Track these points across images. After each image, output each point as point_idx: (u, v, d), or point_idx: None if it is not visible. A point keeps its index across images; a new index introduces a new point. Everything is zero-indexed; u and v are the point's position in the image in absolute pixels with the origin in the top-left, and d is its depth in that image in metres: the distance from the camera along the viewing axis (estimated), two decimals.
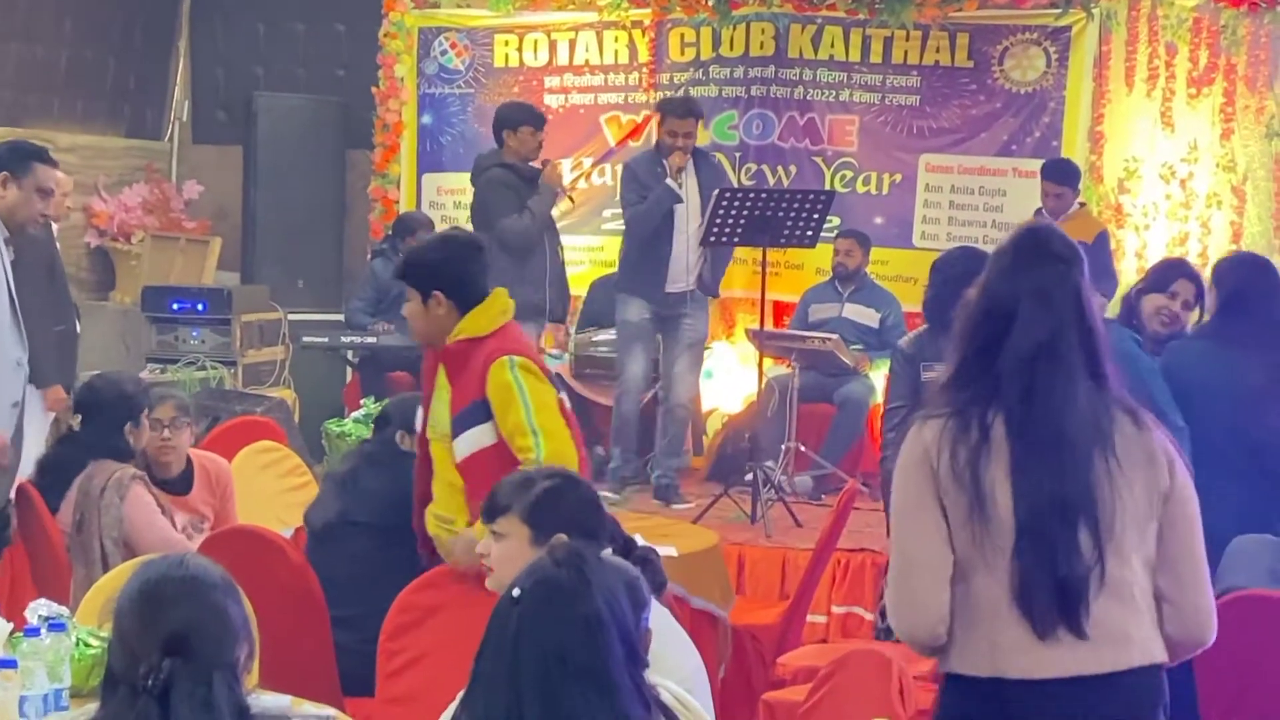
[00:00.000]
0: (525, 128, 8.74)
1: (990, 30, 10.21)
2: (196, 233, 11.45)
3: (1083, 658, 3.08)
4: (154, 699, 2.66)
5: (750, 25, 10.58)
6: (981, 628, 3.12)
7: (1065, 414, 3.11)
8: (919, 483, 3.15)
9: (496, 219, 8.55)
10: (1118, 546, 3.11)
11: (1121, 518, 3.11)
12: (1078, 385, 3.14)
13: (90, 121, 11.31)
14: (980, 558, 3.10)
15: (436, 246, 5.19)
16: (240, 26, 12.08)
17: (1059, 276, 3.20)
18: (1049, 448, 3.10)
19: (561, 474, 3.86)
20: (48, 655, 3.76)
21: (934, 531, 3.11)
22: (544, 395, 4.77)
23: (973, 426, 3.13)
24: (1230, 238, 9.80)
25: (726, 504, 8.35)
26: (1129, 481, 3.13)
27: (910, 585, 3.14)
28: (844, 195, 10.21)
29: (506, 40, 11.07)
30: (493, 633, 2.65)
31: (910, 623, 3.15)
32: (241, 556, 4.94)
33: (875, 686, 3.67)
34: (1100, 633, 3.09)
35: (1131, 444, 3.16)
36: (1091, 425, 3.13)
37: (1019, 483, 3.10)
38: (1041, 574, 3.07)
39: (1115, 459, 3.12)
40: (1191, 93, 9.90)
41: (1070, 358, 3.14)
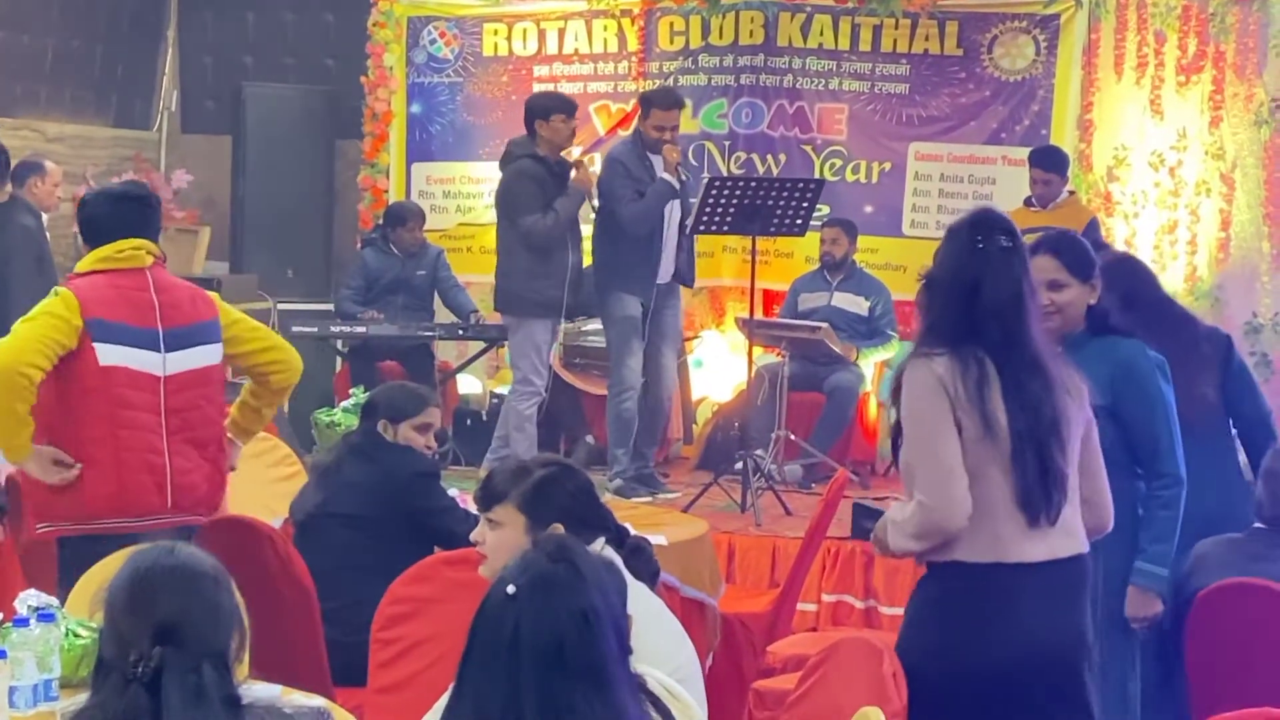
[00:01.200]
0: (557, 116, 8.51)
1: (979, 18, 10.22)
2: (185, 222, 11.43)
3: (1055, 546, 3.86)
4: (144, 687, 2.66)
5: (739, 14, 10.58)
6: (986, 523, 3.81)
7: (1033, 352, 3.86)
8: (939, 405, 3.80)
9: (520, 215, 8.44)
10: (1070, 457, 3.89)
11: (1074, 435, 3.91)
12: (1038, 335, 3.90)
13: (78, 111, 11.29)
14: (986, 467, 3.80)
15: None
16: (229, 16, 12.06)
17: (1011, 248, 3.91)
18: (1030, 377, 3.84)
19: (558, 462, 3.87)
20: (37, 646, 3.76)
21: (957, 444, 3.79)
22: (33, 328, 4.91)
23: (970, 362, 3.82)
24: (1219, 225, 9.81)
25: (716, 492, 8.36)
26: (1072, 405, 3.91)
27: (949, 484, 3.78)
28: (833, 184, 10.20)
29: (495, 29, 11.06)
30: (485, 629, 2.64)
31: (945, 516, 3.80)
32: (231, 546, 4.94)
33: (866, 674, 3.67)
34: (1063, 526, 3.88)
35: (1070, 379, 3.94)
36: (1052, 363, 3.90)
37: (1011, 405, 3.81)
38: (1035, 475, 3.81)
39: (1062, 386, 3.89)
40: (1180, 80, 9.91)
41: (1030, 316, 3.89)
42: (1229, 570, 4.87)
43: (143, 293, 5.05)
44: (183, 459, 5.05)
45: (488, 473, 3.95)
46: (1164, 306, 5.59)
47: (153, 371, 5.01)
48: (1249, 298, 9.71)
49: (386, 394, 5.80)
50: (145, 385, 5.00)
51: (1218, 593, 4.79)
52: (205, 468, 5.14)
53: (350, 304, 10.02)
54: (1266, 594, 4.71)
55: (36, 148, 10.47)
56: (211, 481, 5.18)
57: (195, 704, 2.67)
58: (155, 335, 5.03)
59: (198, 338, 5.11)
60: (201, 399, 5.12)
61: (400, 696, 4.57)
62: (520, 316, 8.59)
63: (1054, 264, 4.57)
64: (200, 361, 5.10)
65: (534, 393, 8.60)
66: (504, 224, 8.64)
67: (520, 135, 8.69)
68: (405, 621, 4.70)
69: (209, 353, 5.14)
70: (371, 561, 5.16)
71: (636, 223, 8.44)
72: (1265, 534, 5.01)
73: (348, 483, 5.44)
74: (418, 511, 5.39)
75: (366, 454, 5.52)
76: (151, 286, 5.07)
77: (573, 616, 2.62)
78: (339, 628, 5.07)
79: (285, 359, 5.32)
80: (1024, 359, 3.84)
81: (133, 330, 4.99)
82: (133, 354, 4.98)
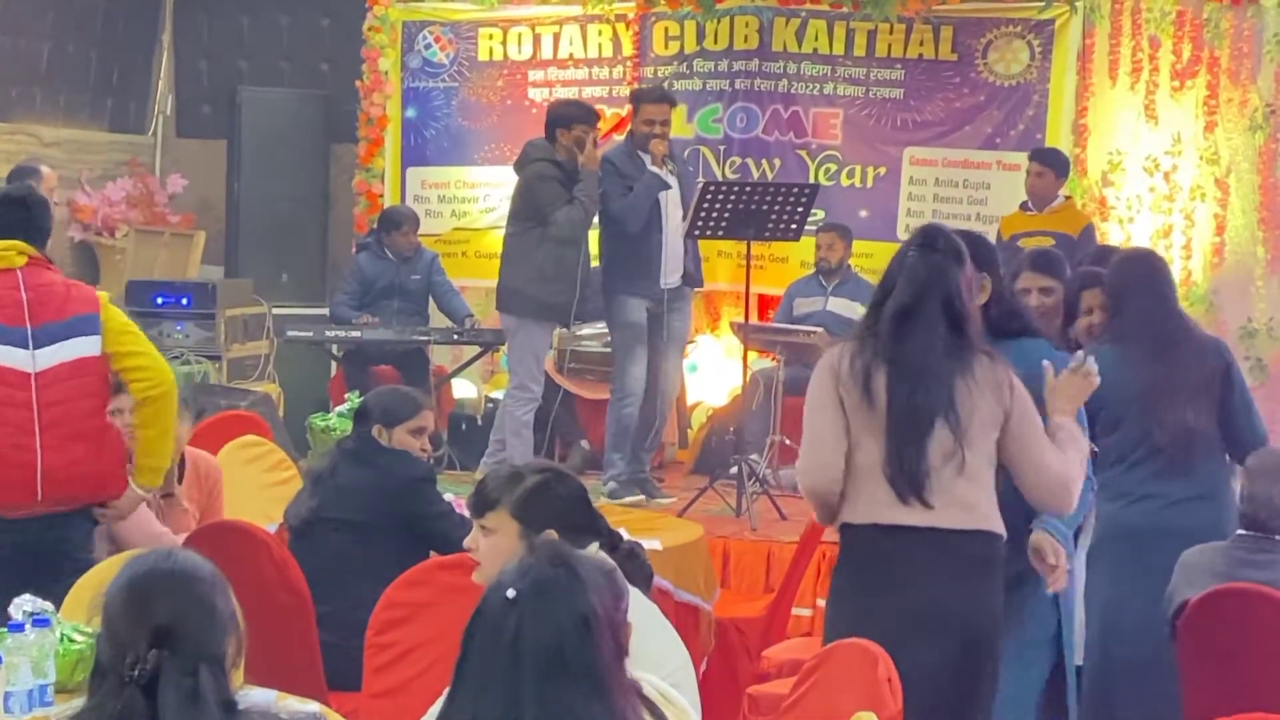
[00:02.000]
0: (579, 126, 8.50)
1: (974, 23, 10.23)
2: (180, 227, 11.43)
3: (934, 515, 4.17)
4: (140, 689, 2.67)
5: (734, 18, 10.59)
6: (865, 487, 4.22)
7: (923, 351, 4.19)
8: (825, 383, 4.28)
9: (550, 211, 8.39)
10: (971, 442, 4.18)
11: (976, 421, 4.19)
12: (935, 340, 4.20)
13: (73, 115, 11.28)
14: (864, 435, 4.21)
15: None
16: (224, 20, 12.06)
17: (931, 263, 4.25)
18: (911, 372, 4.19)
19: (551, 468, 3.86)
20: (32, 651, 3.75)
21: (833, 415, 4.24)
22: None
23: (867, 348, 4.25)
24: (1214, 230, 9.82)
25: (711, 497, 8.36)
26: (981, 397, 4.21)
27: (816, 450, 4.27)
28: (828, 188, 10.22)
29: (490, 34, 11.06)
30: (484, 633, 2.64)
31: (814, 478, 4.29)
32: (226, 551, 4.93)
33: (861, 679, 3.67)
34: (950, 500, 4.17)
35: (985, 374, 4.23)
36: (951, 358, 4.20)
37: (891, 391, 4.20)
38: (898, 460, 4.17)
39: (971, 379, 4.20)
40: (1175, 86, 9.92)
41: (929, 319, 4.20)
42: (1216, 578, 4.87)
43: (11, 291, 5.11)
44: (58, 453, 5.08)
45: (481, 479, 3.95)
46: (1153, 318, 5.57)
47: (22, 368, 5.07)
48: (1243, 302, 9.71)
49: (379, 399, 5.78)
50: (14, 382, 5.05)
51: (1209, 599, 4.79)
52: (87, 459, 5.15)
53: (345, 308, 10.02)
54: (1257, 599, 4.72)
55: (32, 152, 10.46)
56: (97, 471, 5.19)
57: (191, 707, 2.67)
58: (24, 333, 5.09)
59: (70, 332, 5.14)
60: (78, 392, 5.14)
61: (395, 701, 4.57)
62: (522, 317, 8.57)
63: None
64: (74, 354, 5.13)
65: (531, 399, 8.60)
66: (524, 225, 8.55)
67: (539, 138, 8.68)
68: (400, 626, 4.70)
69: (84, 345, 5.15)
70: (367, 566, 5.15)
71: (626, 218, 8.43)
72: (1251, 540, 5.01)
73: (343, 487, 5.43)
74: (413, 516, 5.38)
75: (361, 459, 5.51)
76: (21, 285, 5.13)
77: (573, 621, 2.62)
78: (334, 632, 5.07)
79: (148, 366, 5.24)
80: (914, 354, 4.19)
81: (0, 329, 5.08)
82: (1, 351, 5.05)
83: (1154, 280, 5.68)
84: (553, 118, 8.67)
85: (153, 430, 5.25)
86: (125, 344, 5.24)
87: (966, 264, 4.31)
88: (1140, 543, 5.36)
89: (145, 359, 5.26)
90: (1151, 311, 5.55)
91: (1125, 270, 5.77)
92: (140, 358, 5.25)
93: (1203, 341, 5.64)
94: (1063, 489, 4.31)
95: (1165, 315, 5.60)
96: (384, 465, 5.46)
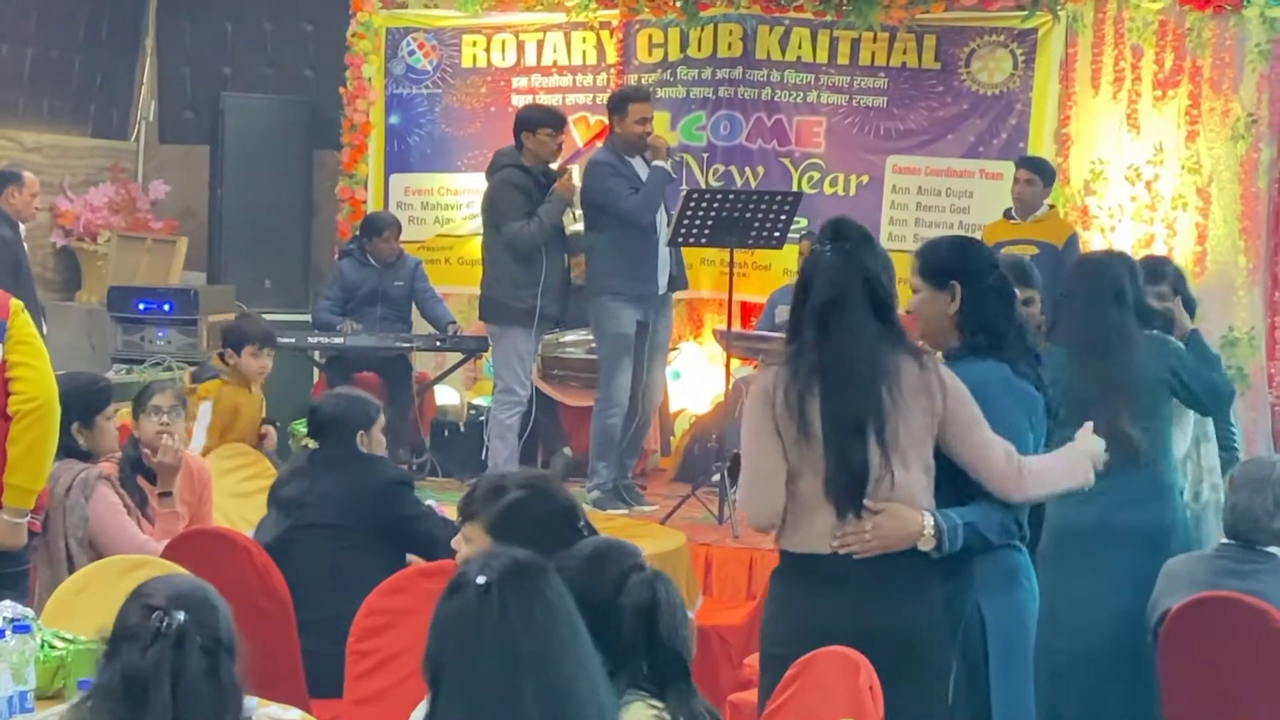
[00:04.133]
0: (544, 130, 8.58)
1: (957, 32, 10.24)
2: (163, 233, 11.42)
3: None
4: (169, 644, 2.75)
5: (718, 26, 10.59)
6: (804, 517, 4.11)
7: (851, 350, 4.05)
8: (762, 414, 4.13)
9: (504, 221, 8.51)
10: (902, 456, 4.05)
11: (905, 434, 4.05)
12: (864, 329, 4.06)
13: (56, 121, 11.27)
14: (803, 467, 4.08)
15: None
16: (207, 26, 12.05)
17: (843, 252, 4.11)
18: (841, 378, 4.04)
19: (535, 484, 3.82)
20: (12, 657, 3.74)
21: (772, 450, 4.10)
22: None
23: (799, 371, 4.09)
24: (1195, 239, 9.84)
25: (694, 504, 8.35)
26: (908, 407, 4.05)
27: (755, 487, 4.17)
28: (811, 196, 10.22)
29: (474, 41, 11.06)
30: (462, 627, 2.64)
31: (756, 514, 4.21)
32: (207, 557, 4.94)
33: (842, 686, 3.67)
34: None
35: (912, 379, 4.06)
36: (874, 361, 4.05)
37: (824, 408, 4.05)
38: (834, 470, 4.04)
39: (897, 389, 4.04)
40: (1157, 95, 9.94)
41: (855, 309, 4.06)
42: (1198, 587, 4.88)
43: None
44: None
45: (473, 483, 3.95)
46: (1088, 321, 5.52)
47: None
48: (1225, 311, 9.73)
49: (346, 406, 5.71)
50: None
51: (1190, 608, 4.80)
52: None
53: (327, 314, 10.01)
54: (1239, 608, 4.73)
55: (14, 158, 10.46)
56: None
57: (210, 678, 2.78)
58: None
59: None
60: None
61: (376, 708, 4.57)
62: (504, 325, 8.63)
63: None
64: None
65: (516, 402, 8.62)
66: (490, 233, 8.72)
67: (508, 146, 8.73)
68: (381, 633, 4.69)
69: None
70: (347, 573, 5.15)
71: (640, 212, 8.39)
72: (1234, 549, 5.02)
73: (324, 495, 5.42)
74: (396, 519, 5.40)
75: (342, 466, 5.51)
76: None
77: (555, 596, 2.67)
78: (318, 637, 5.06)
79: (28, 379, 5.01)
80: (840, 357, 4.07)
81: None
82: None
83: (1096, 282, 5.59)
84: (518, 122, 8.74)
85: (19, 447, 4.99)
86: (18, 354, 5.02)
87: (879, 251, 4.18)
88: (1086, 542, 5.37)
89: (29, 371, 5.03)
90: (1086, 314, 5.53)
91: (1073, 272, 5.85)
92: (24, 369, 5.02)
93: (1148, 349, 5.56)
94: (1013, 484, 4.13)
95: (1098, 318, 5.52)
96: (364, 470, 5.47)
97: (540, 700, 2.56)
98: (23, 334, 5.05)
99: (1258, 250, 9.76)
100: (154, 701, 2.72)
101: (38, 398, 4.99)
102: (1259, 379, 9.69)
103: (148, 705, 2.72)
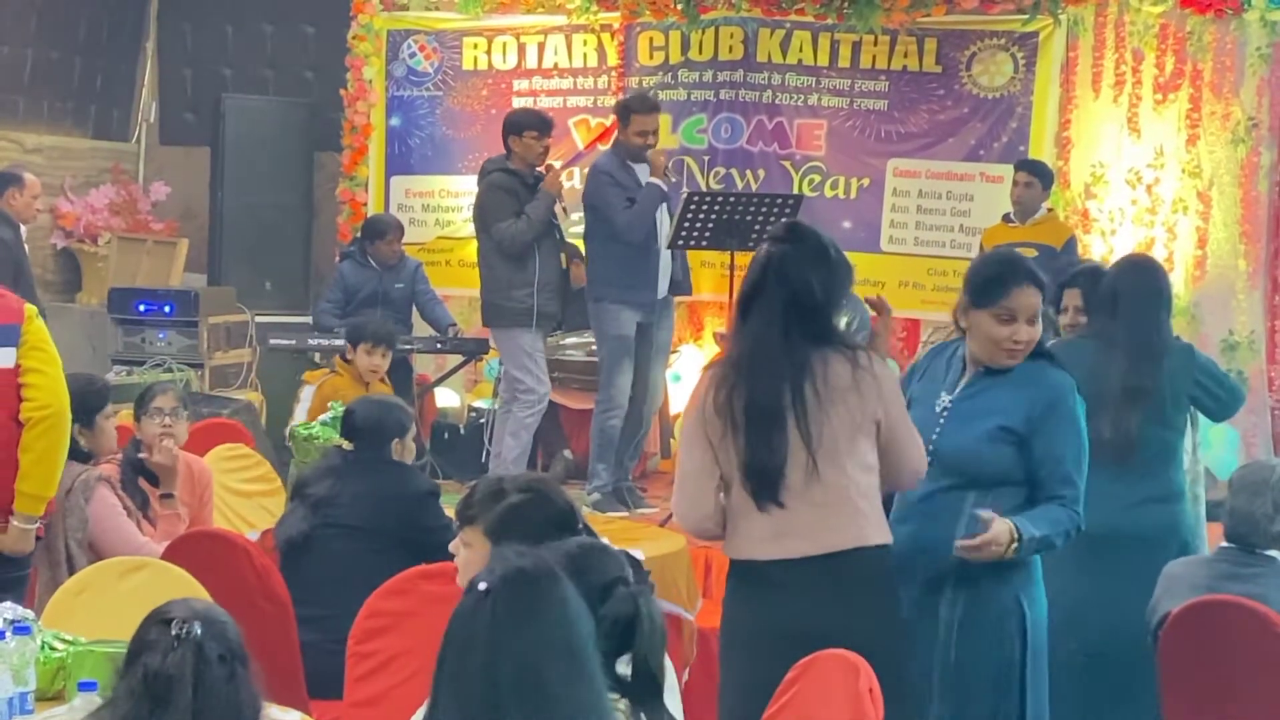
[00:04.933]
0: (529, 133, 8.60)
1: (958, 35, 10.24)
2: (163, 234, 11.42)
3: (803, 546, 4.06)
4: (190, 649, 2.79)
5: (719, 29, 10.60)
6: (740, 524, 4.14)
7: (764, 341, 4.07)
8: (693, 418, 4.17)
9: (492, 223, 8.53)
10: (828, 453, 4.05)
11: (830, 432, 4.05)
12: (774, 328, 4.07)
13: (57, 122, 11.27)
14: (734, 469, 4.09)
15: None
16: (208, 28, 12.05)
17: (769, 254, 4.19)
18: (753, 368, 4.07)
19: (535, 488, 3.82)
20: (13, 659, 3.74)
21: (700, 453, 4.12)
22: None
23: (726, 369, 4.13)
24: (1196, 243, 9.84)
25: None
26: (833, 404, 4.06)
27: (685, 490, 4.19)
28: (812, 199, 10.22)
29: (475, 43, 11.07)
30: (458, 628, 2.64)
31: (684, 516, 4.24)
32: (207, 559, 4.95)
33: (842, 690, 3.67)
34: (815, 525, 4.06)
35: (839, 377, 4.07)
36: (789, 354, 4.06)
37: (741, 399, 4.06)
38: (752, 459, 4.04)
39: (824, 385, 4.04)
40: (1158, 98, 9.94)
41: (770, 307, 4.09)
42: (1200, 590, 4.88)
43: None
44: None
45: (471, 487, 3.95)
46: (1141, 326, 5.57)
47: None
48: (1225, 315, 9.74)
49: (383, 413, 5.78)
50: None
51: (1191, 611, 4.79)
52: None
53: (328, 316, 9.99)
54: (1239, 611, 4.73)
55: (14, 159, 10.46)
56: (5, 481, 5.07)
57: (229, 682, 2.83)
58: None
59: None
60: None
61: (376, 710, 4.57)
62: (505, 328, 8.65)
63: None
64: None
65: (537, 400, 8.61)
66: (481, 237, 8.73)
67: (499, 154, 8.77)
68: (382, 635, 4.69)
69: (1, 356, 5.03)
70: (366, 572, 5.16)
71: (631, 229, 8.42)
72: (1234, 552, 5.02)
73: (355, 498, 5.47)
74: (420, 529, 5.44)
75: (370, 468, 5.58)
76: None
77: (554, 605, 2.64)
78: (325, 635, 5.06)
79: (42, 386, 5.06)
80: (752, 348, 4.10)
81: None
82: None
83: (1147, 282, 5.70)
84: (506, 125, 8.78)
85: (31, 455, 5.03)
86: (32, 360, 5.06)
87: (823, 255, 4.28)
88: (1096, 544, 5.36)
89: (43, 379, 5.06)
90: (1136, 315, 5.59)
91: (1129, 274, 5.81)
92: (38, 376, 5.06)
93: (1179, 358, 5.63)
94: (909, 474, 4.24)
95: (1149, 320, 5.62)
96: (397, 477, 5.58)
97: (522, 709, 2.55)
98: (38, 339, 5.08)
99: (1258, 254, 9.76)
100: (178, 699, 2.76)
101: (50, 405, 5.03)
102: (1259, 383, 9.69)
103: (171, 703, 2.76)
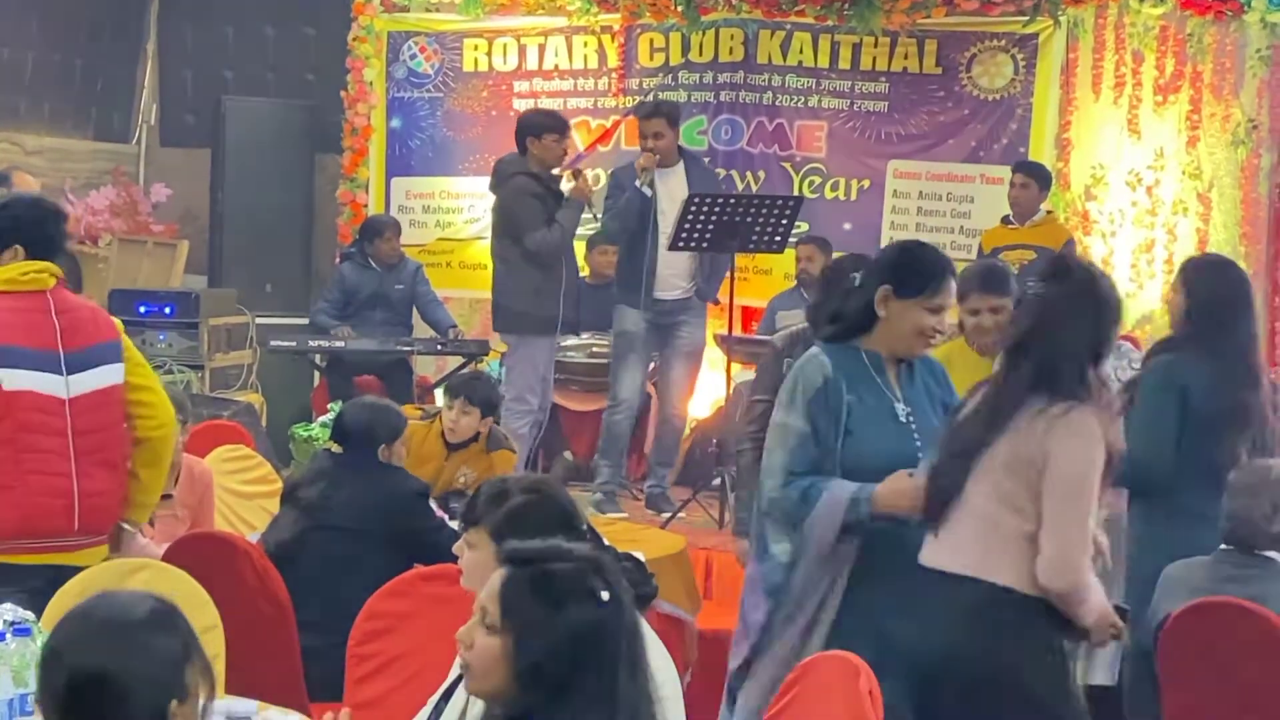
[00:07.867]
0: (550, 135, 8.44)
1: (958, 37, 10.24)
2: (164, 236, 11.41)
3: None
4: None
5: (719, 31, 10.60)
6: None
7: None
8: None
9: (525, 232, 8.34)
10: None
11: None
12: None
13: (57, 124, 11.27)
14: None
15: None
16: (208, 29, 12.05)
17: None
18: None
19: (537, 489, 3.82)
20: (13, 660, 3.74)
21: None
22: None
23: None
24: (1196, 245, 9.84)
25: (694, 509, 8.36)
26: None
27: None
28: (812, 201, 10.22)
29: (476, 45, 11.07)
30: (598, 643, 2.75)
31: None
32: (207, 560, 4.95)
33: (842, 692, 3.67)
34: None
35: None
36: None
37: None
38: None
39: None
40: (1158, 100, 9.95)
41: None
42: (1199, 592, 4.88)
43: (43, 315, 5.01)
44: (92, 480, 5.01)
45: (475, 489, 3.95)
46: (1249, 344, 5.47)
47: (57, 394, 4.96)
48: None
49: (375, 417, 5.78)
50: (50, 408, 4.95)
51: (1190, 613, 4.80)
52: (116, 488, 5.12)
53: (325, 317, 10.00)
54: (1238, 613, 4.73)
55: (15, 160, 10.44)
56: (121, 501, 5.15)
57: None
58: (56, 357, 4.98)
59: (99, 358, 5.06)
60: (109, 419, 5.08)
61: (376, 712, 4.56)
62: (523, 334, 8.50)
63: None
64: (103, 381, 5.05)
65: (527, 410, 8.53)
66: (505, 243, 8.50)
67: (510, 153, 8.62)
68: (382, 637, 4.70)
69: (111, 372, 5.08)
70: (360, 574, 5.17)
71: (610, 231, 8.68)
72: (1233, 554, 5.01)
73: (345, 502, 5.48)
74: (412, 530, 5.46)
75: (362, 470, 5.57)
76: (52, 309, 5.03)
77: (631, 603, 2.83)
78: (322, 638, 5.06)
79: (155, 404, 5.17)
80: None
81: (33, 354, 4.95)
82: (37, 377, 4.94)
83: (1241, 291, 5.60)
84: (523, 126, 8.58)
85: (151, 471, 5.19)
86: (139, 376, 5.17)
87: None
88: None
89: (154, 395, 5.19)
90: (1234, 329, 5.44)
91: (1214, 278, 5.64)
92: (149, 393, 5.17)
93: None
94: None
95: (1245, 329, 5.51)
96: (388, 479, 5.58)
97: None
98: (136, 354, 5.22)
99: (1258, 255, 9.77)
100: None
101: (166, 425, 5.20)
102: None
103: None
